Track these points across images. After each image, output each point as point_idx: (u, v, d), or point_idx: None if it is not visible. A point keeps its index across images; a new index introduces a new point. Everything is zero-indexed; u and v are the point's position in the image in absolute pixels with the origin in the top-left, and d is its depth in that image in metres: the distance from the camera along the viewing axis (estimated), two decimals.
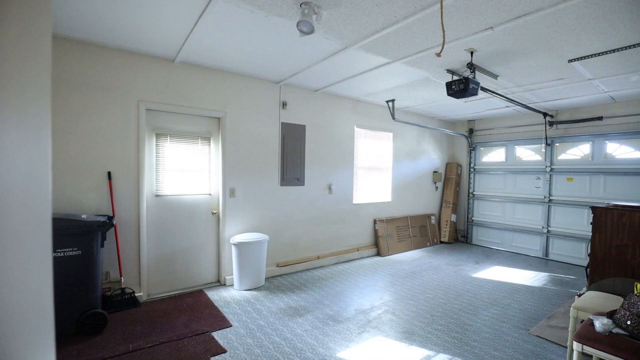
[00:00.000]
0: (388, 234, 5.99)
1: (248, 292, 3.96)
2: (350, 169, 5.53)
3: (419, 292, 4.08)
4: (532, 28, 2.72)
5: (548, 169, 5.87)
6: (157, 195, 3.78)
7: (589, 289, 2.98)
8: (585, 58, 3.30)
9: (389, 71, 3.94)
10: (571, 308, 2.59)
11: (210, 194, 4.16)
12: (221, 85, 4.08)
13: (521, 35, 2.85)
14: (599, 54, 3.19)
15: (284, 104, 4.64)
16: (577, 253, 5.53)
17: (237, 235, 4.15)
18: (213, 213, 4.17)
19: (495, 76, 3.96)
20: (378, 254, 5.86)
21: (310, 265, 4.98)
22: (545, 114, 5.62)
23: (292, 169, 4.78)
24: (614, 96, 4.79)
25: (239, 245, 3.95)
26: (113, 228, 3.43)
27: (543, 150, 5.90)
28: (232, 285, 4.15)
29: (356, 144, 5.64)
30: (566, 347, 2.81)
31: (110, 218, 3.21)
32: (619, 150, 5.15)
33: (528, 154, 6.22)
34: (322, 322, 3.20)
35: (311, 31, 2.46)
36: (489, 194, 6.80)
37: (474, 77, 3.64)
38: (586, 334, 2.07)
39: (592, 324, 2.17)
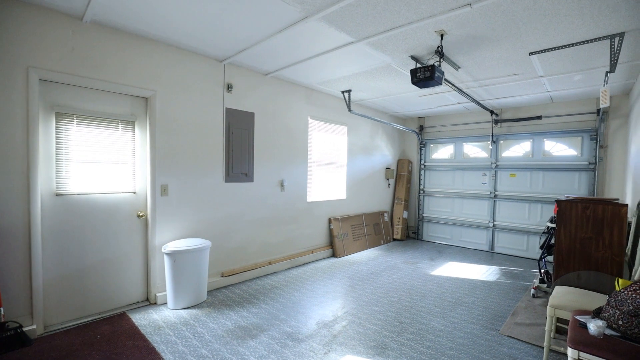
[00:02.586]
0: (343, 233, 5.66)
1: (186, 311, 3.25)
2: (304, 164, 5.05)
3: (382, 295, 3.77)
4: (508, 10, 2.54)
5: (493, 166, 6.09)
6: (58, 195, 2.87)
7: (554, 283, 2.93)
8: (545, 51, 3.28)
9: (350, 54, 3.55)
10: (548, 307, 2.46)
11: (135, 192, 3.34)
12: (149, 57, 3.29)
13: (495, 18, 2.66)
14: (558, 48, 3.18)
15: (229, 87, 3.98)
16: (519, 245, 5.81)
17: (171, 242, 3.40)
18: (139, 216, 3.36)
19: (457, 67, 3.83)
20: (334, 255, 5.48)
21: (261, 272, 4.39)
22: (492, 112, 5.80)
23: (238, 162, 4.14)
24: (553, 96, 5.06)
25: (173, 254, 3.22)
26: None
27: (490, 147, 6.10)
28: (166, 303, 3.39)
29: (310, 137, 5.19)
30: (538, 346, 2.69)
31: None
32: (555, 148, 5.51)
33: (475, 150, 6.41)
34: (280, 344, 2.67)
35: None
36: (438, 190, 6.89)
37: (440, 66, 3.44)
38: (580, 339, 1.89)
39: (582, 326, 2.01)
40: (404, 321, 3.13)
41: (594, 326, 1.89)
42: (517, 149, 5.88)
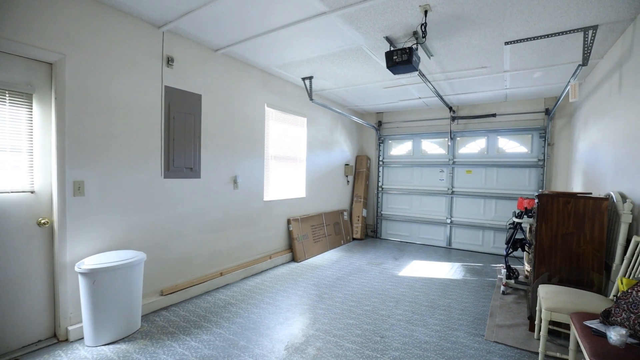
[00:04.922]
0: (303, 235, 5.16)
1: (112, 347, 2.47)
2: (260, 158, 4.44)
3: (354, 304, 3.37)
4: None
5: (451, 162, 6.12)
6: None
7: (537, 282, 2.80)
8: (520, 41, 3.16)
9: (319, 30, 3.07)
10: (543, 310, 2.27)
11: (33, 192, 2.45)
12: (57, 8, 2.42)
13: None
14: (534, 38, 3.08)
15: (170, 61, 3.23)
16: (475, 240, 5.91)
17: (89, 257, 2.57)
18: (41, 223, 2.47)
19: (430, 55, 3.58)
20: (294, 259, 4.96)
21: (211, 286, 3.69)
22: (450, 108, 5.80)
23: (181, 154, 3.40)
24: (508, 94, 5.18)
25: (91, 273, 2.41)
26: None
27: (449, 144, 6.11)
28: (82, 339, 2.55)
29: (267, 128, 4.59)
30: (529, 352, 2.52)
31: None
32: (508, 145, 5.68)
33: (433, 147, 6.39)
34: None
35: None
36: (397, 187, 6.76)
37: (417, 49, 3.16)
38: (603, 351, 1.66)
39: (597, 334, 1.80)
40: (384, 335, 2.75)
41: (616, 335, 1.68)
42: (473, 146, 5.97)
